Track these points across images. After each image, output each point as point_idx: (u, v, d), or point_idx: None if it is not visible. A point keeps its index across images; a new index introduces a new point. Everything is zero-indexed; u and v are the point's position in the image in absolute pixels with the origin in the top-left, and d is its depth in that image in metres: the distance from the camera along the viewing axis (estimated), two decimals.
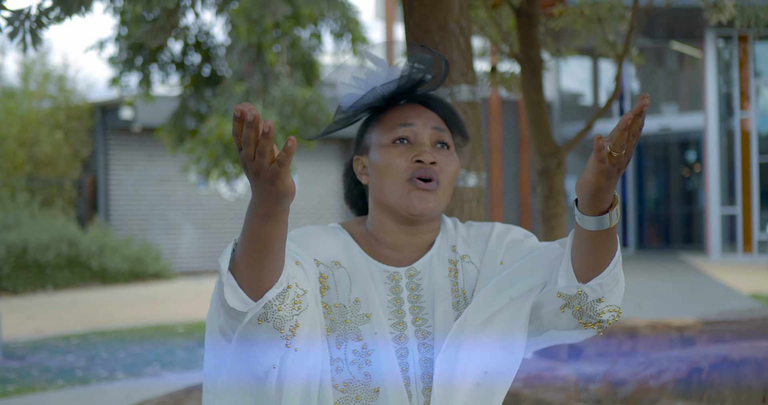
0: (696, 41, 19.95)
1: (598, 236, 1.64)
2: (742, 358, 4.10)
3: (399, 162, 1.80)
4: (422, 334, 1.79)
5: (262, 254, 1.55)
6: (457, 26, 3.15)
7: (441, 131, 1.85)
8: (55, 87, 18.08)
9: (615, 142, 1.51)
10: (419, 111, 1.86)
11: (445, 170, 1.81)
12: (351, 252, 1.85)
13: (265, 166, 1.44)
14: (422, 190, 1.78)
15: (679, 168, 23.46)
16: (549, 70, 5.35)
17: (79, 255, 15.36)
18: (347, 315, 1.77)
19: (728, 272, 15.50)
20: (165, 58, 11.37)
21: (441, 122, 1.86)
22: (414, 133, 1.83)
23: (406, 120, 1.84)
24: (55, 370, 7.73)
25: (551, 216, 4.69)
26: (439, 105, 1.89)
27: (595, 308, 1.69)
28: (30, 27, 3.57)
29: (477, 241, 1.90)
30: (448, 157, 1.83)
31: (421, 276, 1.84)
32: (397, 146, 1.82)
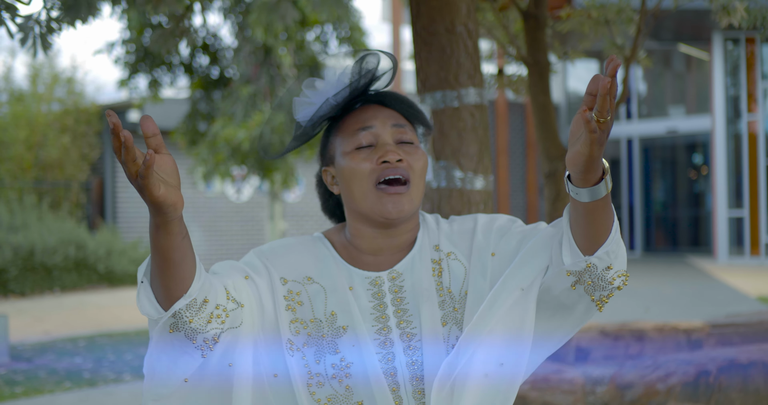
0: (703, 43, 19.92)
1: (595, 206, 1.63)
2: (750, 362, 4.09)
3: (364, 166, 1.78)
4: (407, 337, 1.76)
5: (164, 265, 1.56)
6: (465, 29, 3.15)
7: (401, 127, 1.83)
8: (63, 90, 18.13)
9: (600, 109, 1.51)
10: (376, 111, 1.84)
11: (414, 166, 1.79)
12: (326, 264, 1.82)
13: (133, 177, 1.45)
14: (394, 194, 1.77)
15: (686, 170, 23.42)
16: (556, 72, 5.35)
17: (87, 257, 15.39)
18: (323, 329, 1.75)
19: (736, 275, 15.47)
20: (173, 61, 11.41)
21: (400, 118, 1.85)
22: (375, 135, 1.81)
23: (364, 123, 1.82)
24: (63, 372, 7.75)
25: None
26: (395, 101, 1.87)
27: (605, 277, 1.67)
28: (40, 32, 3.59)
29: (462, 237, 1.87)
30: (414, 152, 1.81)
31: (403, 278, 1.81)
32: (361, 151, 1.80)
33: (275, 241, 1.87)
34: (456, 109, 3.13)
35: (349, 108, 1.87)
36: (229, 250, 18.98)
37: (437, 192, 3.17)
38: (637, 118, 21.90)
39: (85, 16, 3.62)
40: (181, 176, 1.59)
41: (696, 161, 23.21)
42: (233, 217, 19.07)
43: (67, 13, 3.61)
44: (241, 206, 19.15)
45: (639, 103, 22.31)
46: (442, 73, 3.14)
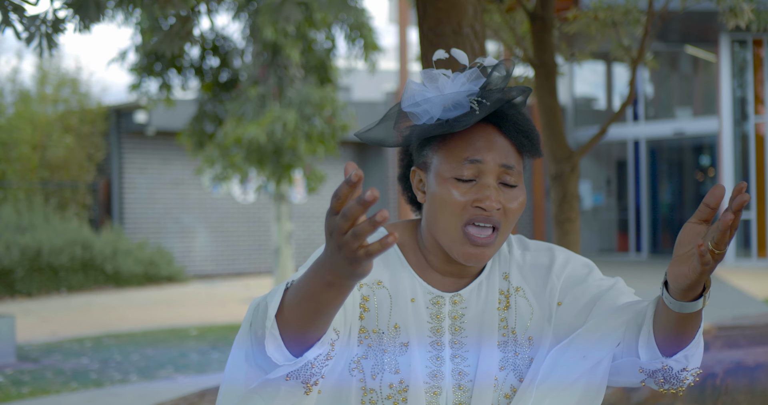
0: (710, 45, 19.88)
1: (687, 316, 1.54)
2: (757, 364, 4.08)
3: (459, 201, 1.63)
4: (459, 374, 1.68)
5: (314, 316, 1.42)
6: (472, 31, 3.15)
7: (509, 168, 1.65)
8: (69, 91, 18.17)
9: (718, 242, 1.44)
10: (489, 140, 1.65)
11: (509, 212, 1.65)
12: (395, 267, 1.72)
13: (352, 248, 1.27)
14: (480, 246, 1.63)
15: (693, 172, 23.37)
16: (563, 74, 5.34)
17: (93, 258, 15.42)
18: (385, 343, 1.66)
19: (742, 277, 15.43)
20: (184, 64, 11.44)
21: (511, 153, 1.66)
22: (479, 171, 1.64)
23: (473, 154, 1.64)
24: (69, 372, 7.76)
25: (565, 220, 4.67)
26: (513, 128, 1.66)
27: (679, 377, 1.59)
28: (46, 32, 3.60)
29: (534, 272, 1.76)
30: (515, 197, 1.66)
31: (465, 305, 1.71)
32: (460, 183, 1.64)
33: None
34: None
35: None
36: (235, 251, 18.99)
37: None
38: (644, 120, 21.87)
39: (94, 16, 3.63)
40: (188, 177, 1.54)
41: (703, 163, 23.16)
42: (240, 218, 19.09)
43: (75, 13, 3.62)
44: (247, 207, 19.17)
45: (646, 104, 22.28)
46: None
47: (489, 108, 1.62)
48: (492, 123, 1.66)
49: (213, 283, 17.31)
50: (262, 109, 11.07)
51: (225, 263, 18.88)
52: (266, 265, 19.02)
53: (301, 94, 11.18)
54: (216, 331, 10.10)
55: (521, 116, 1.69)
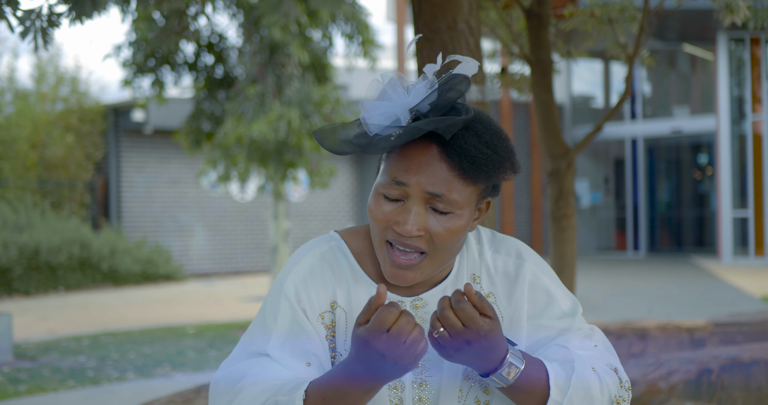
0: (708, 43, 19.89)
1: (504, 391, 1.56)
2: (753, 360, 4.09)
3: (380, 219, 1.58)
4: (420, 385, 1.64)
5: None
6: (467, 26, 3.15)
7: (436, 197, 1.55)
8: (67, 89, 18.17)
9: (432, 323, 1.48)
10: (423, 162, 1.55)
11: (437, 237, 1.56)
12: (349, 283, 1.66)
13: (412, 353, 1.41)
14: (399, 267, 1.58)
15: (691, 171, 23.40)
16: (559, 71, 5.34)
17: (91, 257, 15.42)
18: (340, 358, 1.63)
19: (740, 275, 15.45)
20: (178, 60, 11.42)
21: (446, 179, 1.55)
22: (405, 194, 1.56)
23: (401, 176, 1.56)
24: (67, 370, 7.76)
25: (561, 217, 4.67)
26: (457, 151, 1.54)
27: None
28: (41, 26, 3.60)
29: (503, 279, 1.70)
30: (445, 220, 1.57)
31: (428, 310, 1.65)
32: (385, 202, 1.59)
33: (296, 269, 1.66)
34: None
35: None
36: (233, 249, 18.99)
37: None
38: (641, 119, 21.88)
39: (90, 11, 3.63)
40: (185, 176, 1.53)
41: (701, 161, 23.18)
42: (237, 217, 19.10)
43: (71, 8, 3.62)
44: (245, 206, 19.17)
45: (643, 103, 22.29)
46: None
47: (403, 136, 1.52)
48: (437, 142, 1.55)
49: (211, 281, 17.31)
50: (261, 107, 11.07)
51: (223, 262, 18.88)
52: (264, 264, 19.02)
53: (301, 92, 11.19)
54: (213, 330, 10.11)
55: (475, 138, 1.55)
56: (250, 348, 1.61)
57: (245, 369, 1.56)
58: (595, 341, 1.68)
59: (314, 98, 11.17)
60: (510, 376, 1.52)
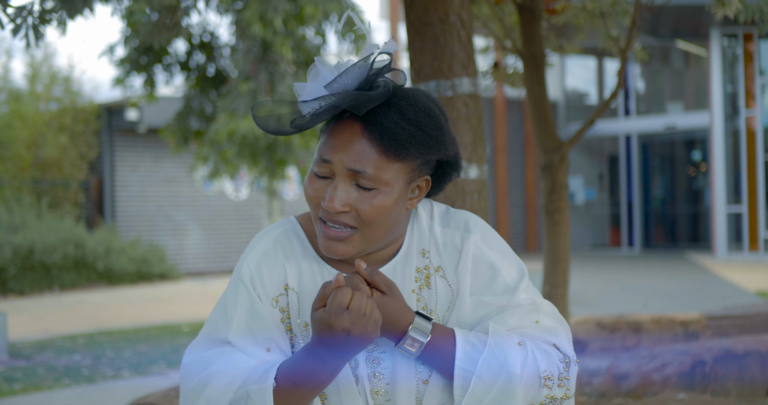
0: (701, 40, 19.92)
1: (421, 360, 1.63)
2: (746, 351, 4.10)
3: (311, 196, 1.64)
4: (372, 362, 1.67)
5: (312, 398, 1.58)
6: (458, 19, 3.16)
7: (358, 173, 1.58)
8: (61, 89, 18.14)
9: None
10: (346, 140, 1.60)
11: (363, 212, 1.59)
12: (300, 263, 1.71)
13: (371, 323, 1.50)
14: (332, 239, 1.62)
15: (685, 167, 23.43)
16: (552, 65, 5.35)
17: (86, 256, 15.40)
18: (302, 341, 1.67)
19: (734, 270, 15.48)
20: (170, 59, 11.41)
21: (370, 155, 1.59)
22: (331, 171, 1.61)
23: (326, 153, 1.61)
24: (62, 369, 7.75)
25: (554, 210, 4.68)
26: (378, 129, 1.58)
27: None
28: (33, 23, 3.59)
29: (448, 252, 1.73)
30: (370, 196, 1.60)
31: None
32: (315, 180, 1.64)
33: (251, 254, 1.72)
34: (450, 99, 3.13)
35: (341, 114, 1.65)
36: (228, 248, 18.98)
37: None
38: (635, 115, 21.91)
39: (80, 8, 3.63)
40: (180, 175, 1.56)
41: (694, 157, 23.22)
42: (232, 216, 19.09)
43: (62, 5, 3.62)
44: (239, 204, 19.16)
45: (637, 99, 22.31)
46: (435, 63, 3.15)
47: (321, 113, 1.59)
48: (359, 120, 1.60)
49: (205, 280, 17.30)
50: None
51: (217, 260, 18.87)
52: None
53: (292, 91, 11.20)
54: None
55: (394, 114, 1.59)
56: (213, 335, 1.66)
57: (211, 358, 1.62)
58: (539, 316, 1.70)
59: None
60: (414, 348, 1.60)
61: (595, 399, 4.24)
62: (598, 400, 4.04)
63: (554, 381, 1.61)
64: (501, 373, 1.57)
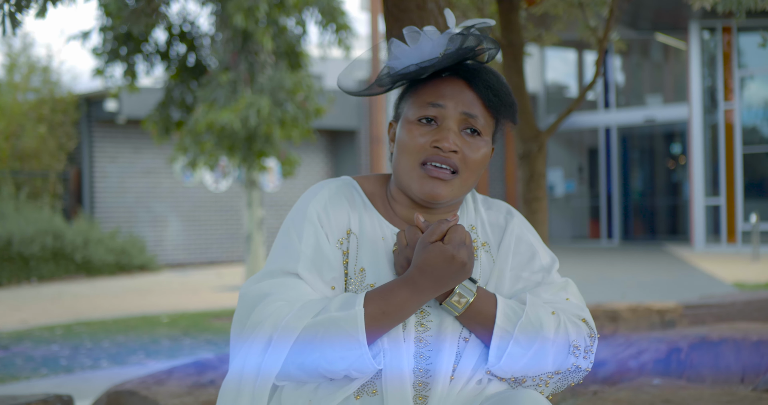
0: (680, 33, 20.02)
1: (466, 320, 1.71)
2: (721, 339, 4.14)
3: (418, 142, 1.73)
4: (420, 313, 1.73)
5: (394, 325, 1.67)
6: (436, 6, 3.16)
7: (472, 117, 1.74)
8: (39, 79, 18.02)
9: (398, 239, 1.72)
10: (456, 90, 1.75)
11: (468, 158, 1.74)
12: (361, 213, 1.80)
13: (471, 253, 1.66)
14: (434, 178, 1.73)
15: (664, 159, 23.56)
16: (530, 55, 5.37)
17: (64, 247, 15.33)
18: (351, 286, 1.73)
19: (712, 262, 15.59)
20: (150, 49, 11.34)
21: (478, 105, 1.75)
22: (442, 115, 1.74)
23: (437, 99, 1.74)
24: (39, 359, 7.73)
25: (532, 199, 4.70)
26: (484, 84, 1.75)
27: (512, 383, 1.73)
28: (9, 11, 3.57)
29: (493, 230, 1.87)
30: (475, 143, 1.75)
31: None
32: (422, 126, 1.74)
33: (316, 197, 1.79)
34: None
35: (437, 73, 1.79)
36: (207, 239, 18.94)
37: None
38: (615, 108, 22.00)
39: None
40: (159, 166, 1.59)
41: (673, 150, 23.35)
42: (211, 207, 19.04)
43: None
44: (219, 196, 19.12)
45: (617, 92, 22.41)
46: None
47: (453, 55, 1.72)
48: (463, 78, 1.76)
49: (185, 271, 17.27)
50: (233, 95, 11.02)
51: (197, 252, 18.83)
52: (238, 254, 18.99)
53: (274, 80, 11.15)
54: (188, 319, 10.08)
55: (494, 77, 1.77)
56: (276, 267, 1.72)
57: (277, 286, 1.68)
58: (568, 294, 1.83)
59: (287, 86, 11.13)
60: (460, 305, 1.68)
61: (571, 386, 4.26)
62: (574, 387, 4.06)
63: (581, 351, 1.74)
64: (536, 337, 1.69)
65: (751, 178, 18.86)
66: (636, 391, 3.28)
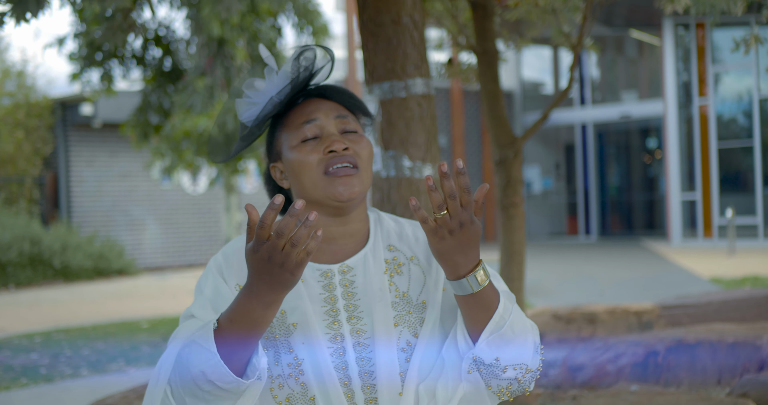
0: (654, 29, 20.15)
1: (466, 300, 1.69)
2: (697, 341, 4.19)
3: (312, 158, 1.80)
4: (357, 333, 1.77)
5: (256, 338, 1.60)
6: (411, 20, 3.19)
7: (344, 118, 1.86)
8: (13, 84, 17.90)
9: (431, 204, 1.61)
10: (318, 104, 1.87)
11: (360, 153, 1.82)
12: None
13: (293, 257, 1.49)
14: (344, 176, 1.79)
15: (640, 155, 23.70)
16: (506, 61, 5.40)
17: (42, 253, 15.24)
18: (275, 330, 1.76)
19: (689, 257, 15.71)
20: (126, 54, 11.30)
21: (342, 109, 1.87)
22: (319, 127, 1.83)
23: (308, 116, 1.84)
24: (19, 368, 7.70)
25: (509, 205, 4.74)
26: (336, 93, 1.89)
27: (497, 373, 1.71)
28: None
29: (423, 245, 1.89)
30: (359, 140, 1.85)
31: (354, 273, 1.83)
32: (307, 144, 1.82)
33: (229, 244, 1.86)
34: (403, 100, 3.17)
35: (292, 103, 1.89)
36: (186, 242, 18.89)
37: (386, 181, 3.21)
38: (590, 104, 22.11)
39: (34, 11, 3.61)
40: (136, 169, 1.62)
41: (649, 145, 23.50)
42: (189, 210, 18.99)
43: (14, 8, 3.59)
44: (197, 198, 19.07)
45: (593, 88, 22.52)
46: (389, 64, 3.18)
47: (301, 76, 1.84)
48: (315, 96, 1.89)
49: (164, 275, 17.21)
50: (210, 100, 11.00)
51: (176, 255, 18.77)
52: None
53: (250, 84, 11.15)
54: (167, 324, 10.07)
55: (336, 86, 1.92)
56: (184, 314, 1.79)
57: (179, 330, 1.73)
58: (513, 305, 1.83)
59: None
60: (482, 282, 1.68)
61: (551, 391, 4.30)
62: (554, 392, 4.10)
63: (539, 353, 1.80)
64: (523, 326, 1.73)
65: (727, 172, 19.02)
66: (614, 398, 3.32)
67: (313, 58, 1.87)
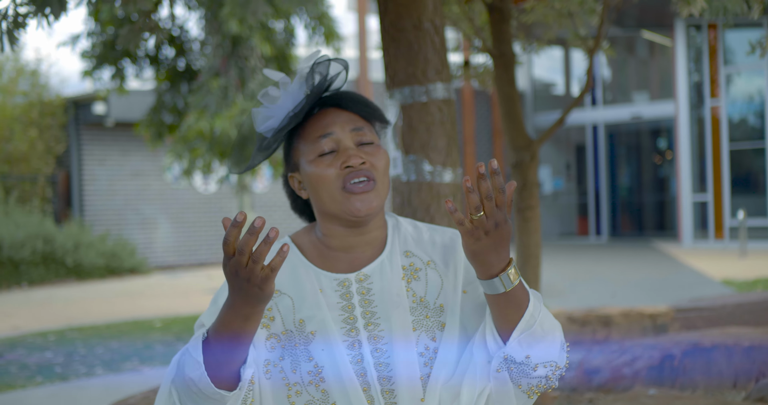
0: (666, 30, 20.11)
1: (497, 300, 1.69)
2: (713, 345, 4.20)
3: (330, 172, 1.81)
4: (375, 339, 1.79)
5: (238, 349, 1.64)
6: (432, 25, 3.21)
7: (360, 130, 1.86)
8: (27, 82, 17.98)
9: (468, 205, 1.60)
10: (334, 116, 1.87)
11: (377, 165, 1.83)
12: (295, 271, 1.86)
13: (257, 272, 1.51)
14: (361, 193, 1.80)
15: (651, 156, 23.66)
16: (521, 64, 5.42)
17: (54, 251, 15.31)
18: (295, 338, 1.79)
19: (700, 259, 15.68)
20: (139, 53, 11.35)
21: (358, 119, 1.87)
22: (336, 141, 1.84)
23: (324, 130, 1.85)
24: (34, 367, 7.74)
25: (525, 208, 4.76)
26: (352, 102, 1.89)
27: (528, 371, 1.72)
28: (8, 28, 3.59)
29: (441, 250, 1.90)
30: (376, 152, 1.85)
31: (371, 281, 1.85)
32: (324, 158, 1.83)
33: None
34: (424, 104, 3.18)
35: (309, 113, 1.90)
36: (197, 241, 18.94)
37: (407, 185, 3.23)
38: (602, 104, 22.09)
39: (55, 12, 3.63)
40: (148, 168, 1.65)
41: (660, 146, 23.45)
42: (201, 209, 19.04)
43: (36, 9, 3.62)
44: (208, 197, 19.11)
45: (604, 89, 22.49)
46: (410, 69, 3.20)
47: (316, 89, 1.85)
48: (331, 105, 1.89)
49: (175, 274, 17.26)
50: (224, 100, 11.04)
51: (187, 254, 18.83)
52: None
53: (265, 85, 11.17)
54: (180, 323, 10.11)
55: (353, 93, 1.91)
56: (197, 323, 1.83)
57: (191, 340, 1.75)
58: None
59: None
60: (514, 279, 1.69)
61: (567, 393, 4.32)
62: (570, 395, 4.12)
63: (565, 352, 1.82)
64: (552, 325, 1.76)
65: (738, 173, 18.98)
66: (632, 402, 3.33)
67: (328, 69, 1.89)
